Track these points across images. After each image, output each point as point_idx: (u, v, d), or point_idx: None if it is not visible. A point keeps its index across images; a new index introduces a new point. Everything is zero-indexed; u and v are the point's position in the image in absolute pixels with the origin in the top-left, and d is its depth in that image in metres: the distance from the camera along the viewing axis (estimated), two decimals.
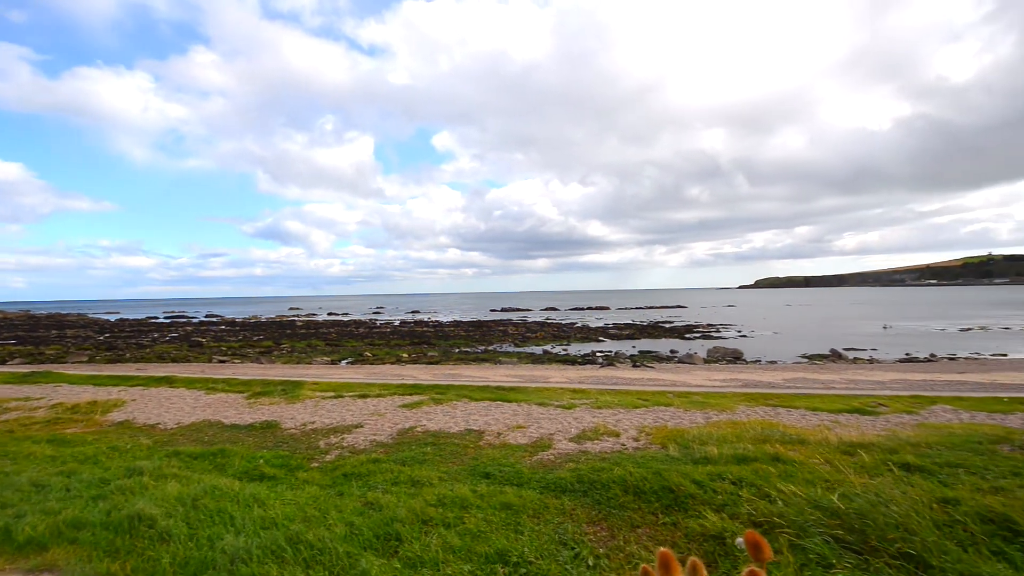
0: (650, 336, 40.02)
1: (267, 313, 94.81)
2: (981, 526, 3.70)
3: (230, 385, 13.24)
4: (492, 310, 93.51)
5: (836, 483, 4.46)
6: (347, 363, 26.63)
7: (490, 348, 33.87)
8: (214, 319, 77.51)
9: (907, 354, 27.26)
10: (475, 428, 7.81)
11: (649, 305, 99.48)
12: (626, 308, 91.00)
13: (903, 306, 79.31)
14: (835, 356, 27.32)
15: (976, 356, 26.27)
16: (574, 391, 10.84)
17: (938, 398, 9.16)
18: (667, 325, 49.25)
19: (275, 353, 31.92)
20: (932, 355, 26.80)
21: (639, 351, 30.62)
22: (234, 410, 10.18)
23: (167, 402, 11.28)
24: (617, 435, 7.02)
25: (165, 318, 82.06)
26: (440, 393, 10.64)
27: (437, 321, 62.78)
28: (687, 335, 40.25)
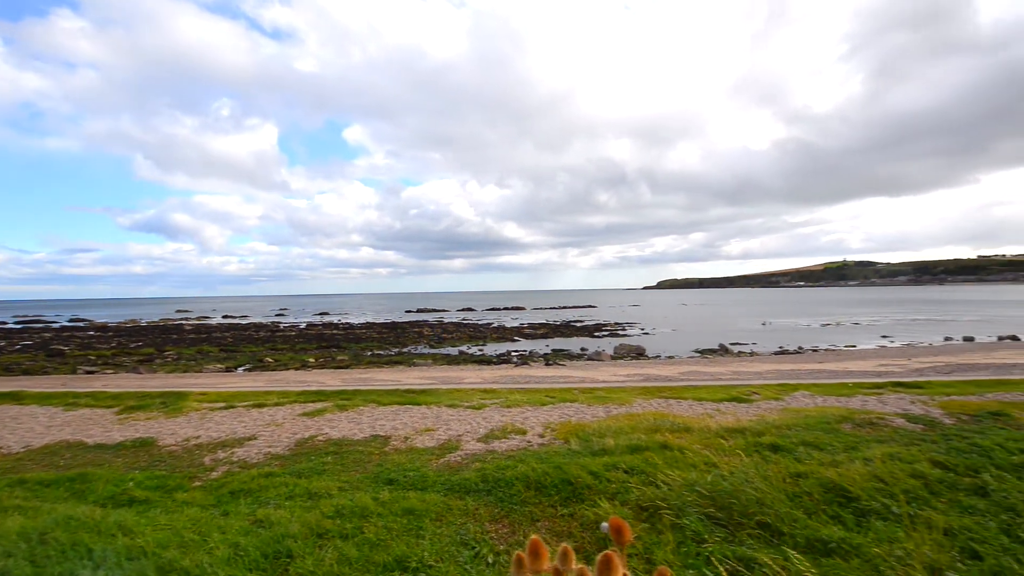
0: (563, 335, 41.51)
1: (149, 316, 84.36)
2: (823, 495, 4.32)
3: (97, 399, 11.62)
4: (408, 311, 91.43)
5: (712, 466, 4.95)
6: (244, 370, 24.56)
7: (404, 350, 33.08)
8: (80, 323, 67.50)
9: (780, 347, 30.89)
10: (381, 434, 7.59)
11: (562, 305, 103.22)
12: (541, 308, 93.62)
13: (778, 305, 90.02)
14: (723, 350, 30.23)
15: (833, 348, 30.47)
16: (485, 391, 10.94)
17: (799, 385, 10.53)
18: (578, 324, 51.43)
19: (157, 362, 28.56)
20: (800, 348, 30.64)
21: (552, 350, 31.63)
22: (100, 428, 8.96)
23: (13, 422, 9.64)
24: (524, 433, 7.20)
25: (16, 323, 69.95)
26: (346, 399, 10.19)
27: (348, 323, 60.03)
28: (596, 333, 42.32)
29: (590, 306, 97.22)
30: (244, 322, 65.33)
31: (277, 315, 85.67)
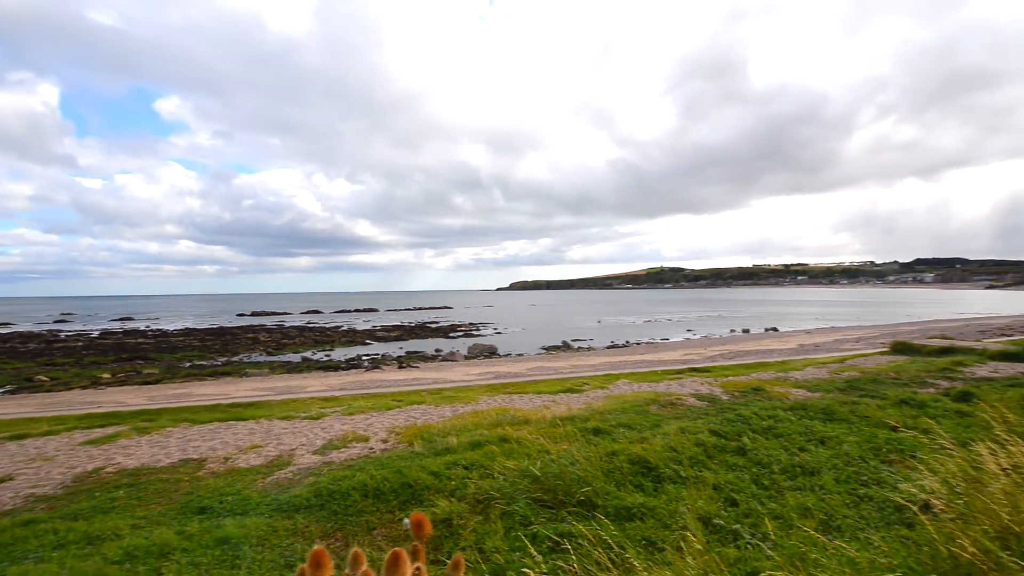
0: (418, 336, 40.95)
1: None
2: (630, 468, 4.99)
3: None
4: (240, 314, 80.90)
5: (545, 453, 5.37)
6: (3, 393, 19.15)
7: (235, 359, 29.23)
8: None
9: (612, 342, 34.83)
10: (195, 457, 6.59)
11: (418, 306, 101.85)
12: (395, 309, 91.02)
13: (610, 304, 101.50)
14: (565, 346, 32.97)
15: (651, 341, 35.39)
16: (327, 400, 10.24)
17: (621, 375, 12.04)
18: (434, 325, 51.27)
19: None
20: (627, 342, 34.94)
21: (406, 352, 30.98)
22: None
23: None
24: (367, 440, 6.93)
25: None
26: (149, 420, 8.61)
27: (160, 329, 50.79)
28: (451, 334, 42.68)
29: (446, 307, 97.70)
30: (6, 331, 50.86)
31: (58, 321, 68.56)
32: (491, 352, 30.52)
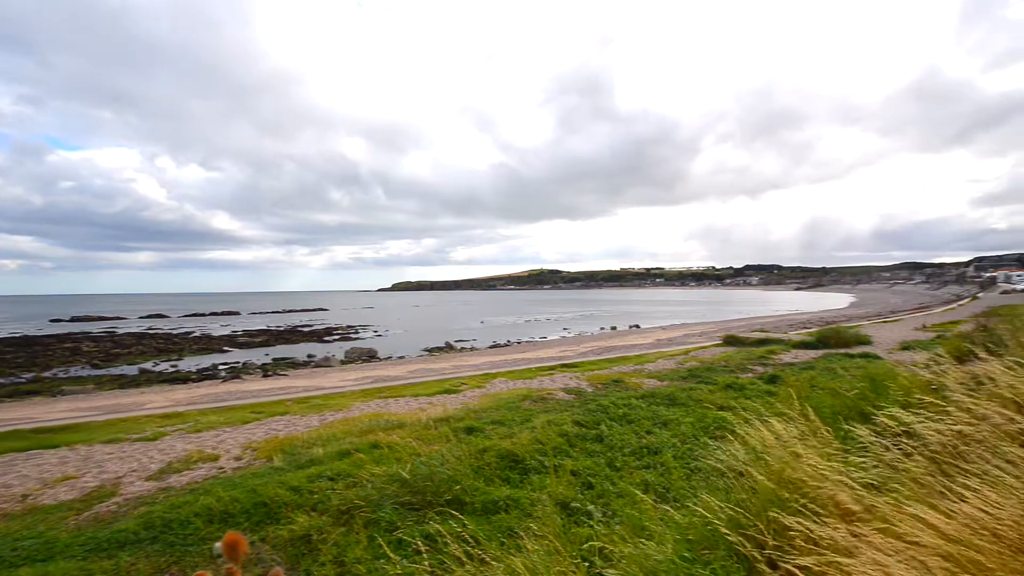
0: (287, 341, 37.70)
1: None
2: (499, 463, 5.18)
3: None
4: (56, 320, 66.91)
5: (415, 456, 5.32)
6: None
7: (47, 375, 24.14)
8: None
9: (494, 342, 35.61)
10: None
11: (288, 308, 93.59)
12: (261, 312, 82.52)
13: (494, 305, 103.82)
14: (448, 348, 32.90)
15: (531, 339, 36.95)
16: (167, 416, 8.94)
17: (499, 373, 12.41)
18: (306, 329, 47.64)
19: None
20: (508, 341, 36.00)
21: (273, 359, 28.33)
22: None
23: None
24: (216, 459, 6.21)
25: None
26: None
27: None
28: (326, 338, 40.05)
29: (321, 309, 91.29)
30: None
31: None
32: (370, 355, 29.28)
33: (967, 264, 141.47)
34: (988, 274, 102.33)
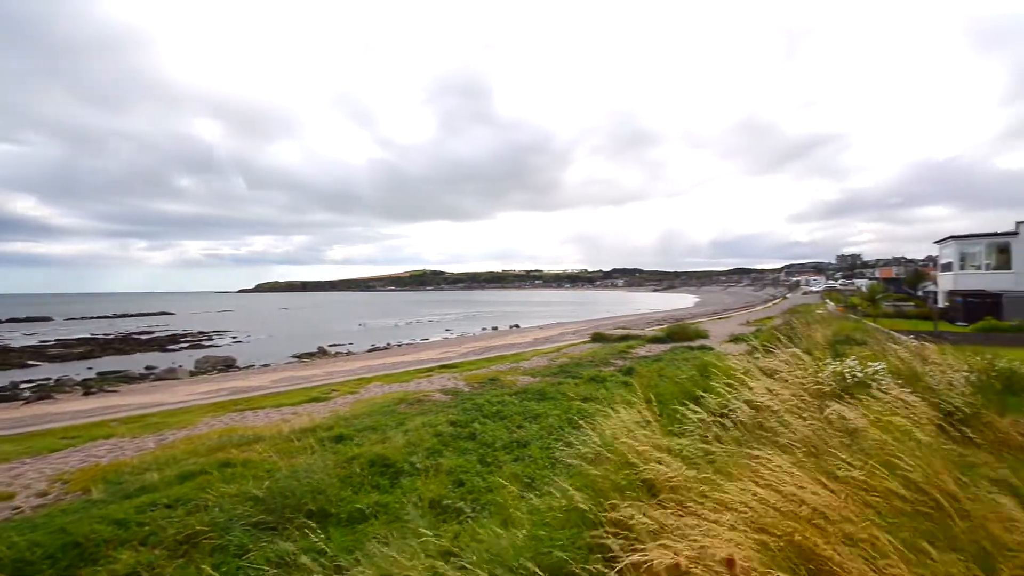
0: (119, 352, 32.01)
1: None
2: (370, 469, 5.03)
3: None
4: None
5: (273, 472, 4.93)
6: None
7: None
8: None
9: (373, 345, 34.20)
10: None
11: (121, 313, 79.45)
12: (83, 318, 68.78)
13: (373, 306, 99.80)
14: (321, 353, 30.79)
15: (412, 342, 36.23)
16: None
17: (374, 377, 12.00)
18: (145, 336, 40.96)
19: None
20: (388, 344, 34.85)
21: (98, 373, 23.83)
22: None
23: None
24: (10, 497, 5.08)
25: None
26: None
27: None
28: (171, 347, 34.85)
29: (165, 313, 79.08)
30: None
31: None
32: (227, 365, 26.20)
33: (780, 270, 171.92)
34: (795, 279, 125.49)
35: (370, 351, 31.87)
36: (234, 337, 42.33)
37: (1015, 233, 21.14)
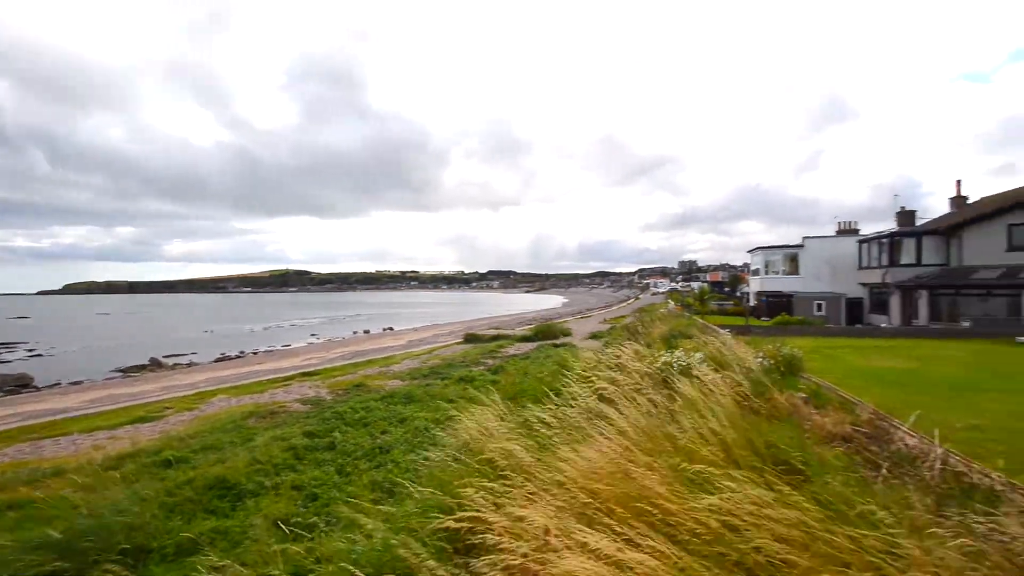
0: None
1: None
2: (206, 493, 4.50)
3: None
4: None
5: (77, 509, 4.14)
6: None
7: None
8: None
9: (223, 354, 30.35)
10: None
11: None
12: None
13: (225, 310, 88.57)
14: (155, 365, 26.47)
15: (271, 348, 32.97)
16: None
17: (219, 390, 10.70)
18: None
19: None
20: (242, 352, 31.23)
21: None
22: None
23: None
24: None
25: None
26: None
27: None
28: None
29: None
30: None
31: None
32: (20, 385, 21.19)
33: (635, 273, 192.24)
34: (646, 281, 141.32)
35: (218, 361, 28.40)
36: (31, 350, 34.49)
37: (801, 246, 26.41)
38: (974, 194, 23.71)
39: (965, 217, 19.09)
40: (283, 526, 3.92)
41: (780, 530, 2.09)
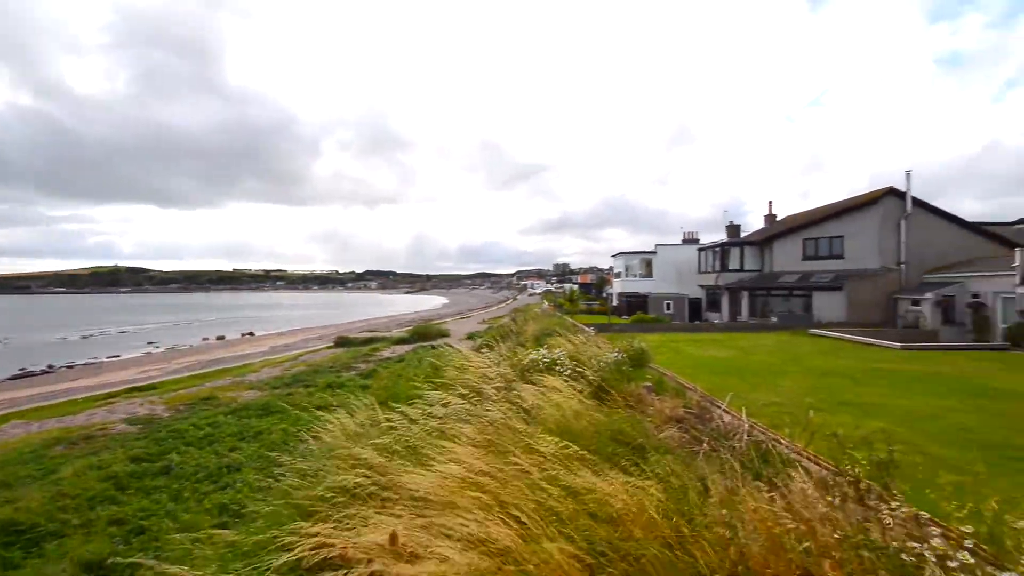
0: None
1: None
2: None
3: None
4: None
5: None
6: None
7: None
8: None
9: (22, 369, 24.65)
10: None
11: None
12: None
13: (28, 315, 71.81)
14: None
15: (93, 361, 27.61)
16: None
17: (12, 415, 8.68)
18: None
19: None
20: (50, 366, 25.67)
21: None
22: None
23: None
24: None
25: None
26: None
27: None
28: None
29: None
30: None
31: None
32: None
33: (513, 275, 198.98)
34: (524, 283, 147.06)
35: (14, 378, 23.13)
36: None
37: (654, 252, 29.75)
38: (782, 213, 28.99)
39: (774, 232, 23.27)
40: (96, 571, 3.33)
41: (618, 504, 2.36)
